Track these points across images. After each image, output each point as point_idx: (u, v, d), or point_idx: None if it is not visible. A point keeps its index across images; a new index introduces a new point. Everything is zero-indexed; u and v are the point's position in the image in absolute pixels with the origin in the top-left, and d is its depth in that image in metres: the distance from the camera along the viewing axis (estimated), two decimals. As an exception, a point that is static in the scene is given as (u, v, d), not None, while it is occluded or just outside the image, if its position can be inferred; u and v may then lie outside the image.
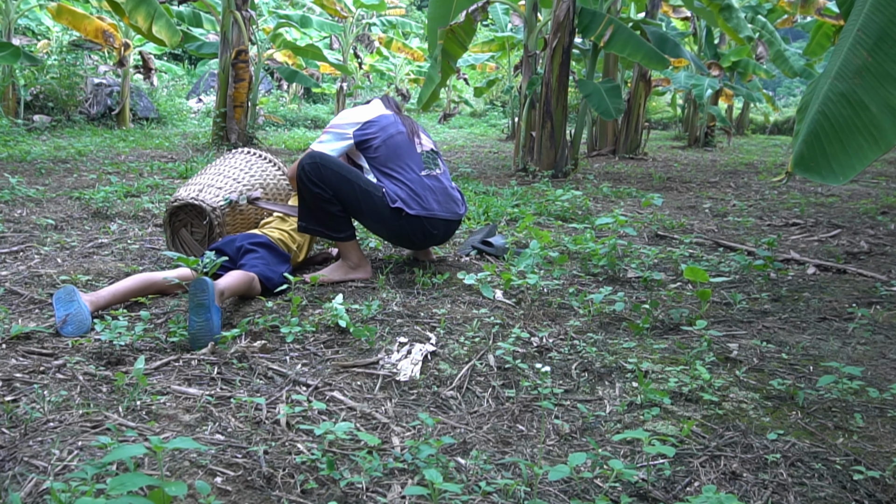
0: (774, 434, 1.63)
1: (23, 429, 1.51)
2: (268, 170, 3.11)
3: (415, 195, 2.68)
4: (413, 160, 2.75)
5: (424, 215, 2.69)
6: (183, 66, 19.08)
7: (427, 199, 2.70)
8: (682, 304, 2.66)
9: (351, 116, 2.82)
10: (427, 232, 2.75)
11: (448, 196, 2.81)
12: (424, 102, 7.45)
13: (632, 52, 6.80)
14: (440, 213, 2.75)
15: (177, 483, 1.07)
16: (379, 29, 15.56)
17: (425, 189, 2.71)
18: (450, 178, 2.91)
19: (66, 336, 2.07)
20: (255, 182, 3.02)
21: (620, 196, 5.67)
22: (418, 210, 2.67)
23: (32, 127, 9.05)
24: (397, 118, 2.86)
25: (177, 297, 2.49)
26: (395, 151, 2.73)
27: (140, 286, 2.39)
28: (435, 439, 1.50)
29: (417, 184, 2.70)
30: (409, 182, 2.69)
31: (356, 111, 2.86)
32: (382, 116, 2.82)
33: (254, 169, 3.07)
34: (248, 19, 8.04)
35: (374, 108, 2.88)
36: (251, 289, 2.44)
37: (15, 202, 4.19)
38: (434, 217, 2.72)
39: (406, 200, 2.66)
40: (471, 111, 20.19)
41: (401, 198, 2.66)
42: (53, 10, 9.02)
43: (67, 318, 2.08)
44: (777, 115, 18.40)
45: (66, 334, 2.07)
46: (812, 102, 2.54)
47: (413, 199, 2.67)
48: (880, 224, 4.52)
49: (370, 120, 2.79)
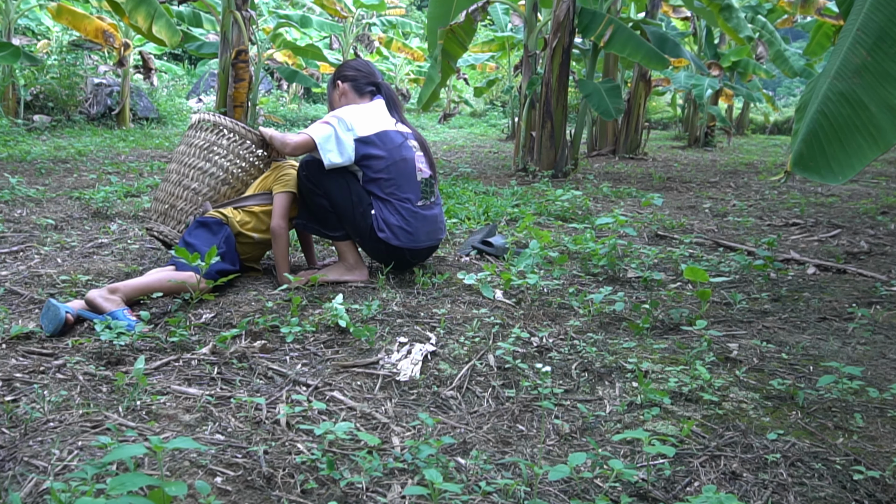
0: (774, 434, 1.63)
1: (23, 429, 1.51)
2: (233, 150, 2.80)
3: (406, 227, 2.64)
4: (412, 189, 2.68)
5: (409, 247, 2.68)
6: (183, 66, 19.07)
7: (418, 231, 2.67)
8: (682, 304, 2.66)
9: (356, 120, 2.64)
10: (406, 261, 2.76)
11: (437, 225, 2.78)
12: (424, 102, 7.45)
13: (632, 52, 6.81)
14: (426, 243, 2.74)
15: (177, 483, 1.07)
16: (379, 29, 15.57)
17: (419, 220, 2.67)
18: (441, 202, 2.87)
19: (49, 333, 2.09)
20: (220, 174, 2.77)
21: (620, 196, 5.67)
22: (404, 242, 2.65)
23: (32, 127, 9.05)
24: (404, 137, 2.74)
25: (178, 296, 2.49)
26: (396, 180, 2.64)
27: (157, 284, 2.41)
28: (435, 439, 1.50)
29: (412, 215, 2.65)
30: (404, 213, 2.64)
31: (363, 115, 2.68)
32: (391, 134, 2.69)
33: (216, 157, 2.79)
34: (248, 19, 8.04)
35: (379, 116, 2.73)
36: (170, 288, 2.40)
37: (15, 202, 4.19)
38: (418, 248, 2.72)
39: (396, 232, 2.63)
40: (471, 111, 20.18)
41: (390, 227, 2.62)
42: (53, 10, 9.02)
43: (45, 320, 2.12)
44: (777, 115, 18.40)
45: (49, 332, 2.09)
46: (811, 102, 2.54)
47: (403, 231, 2.64)
48: (880, 224, 4.52)
49: (376, 135, 2.65)
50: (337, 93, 2.86)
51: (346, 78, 2.85)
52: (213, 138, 2.81)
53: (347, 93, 2.84)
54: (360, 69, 2.88)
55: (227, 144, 2.81)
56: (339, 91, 2.85)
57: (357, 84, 2.83)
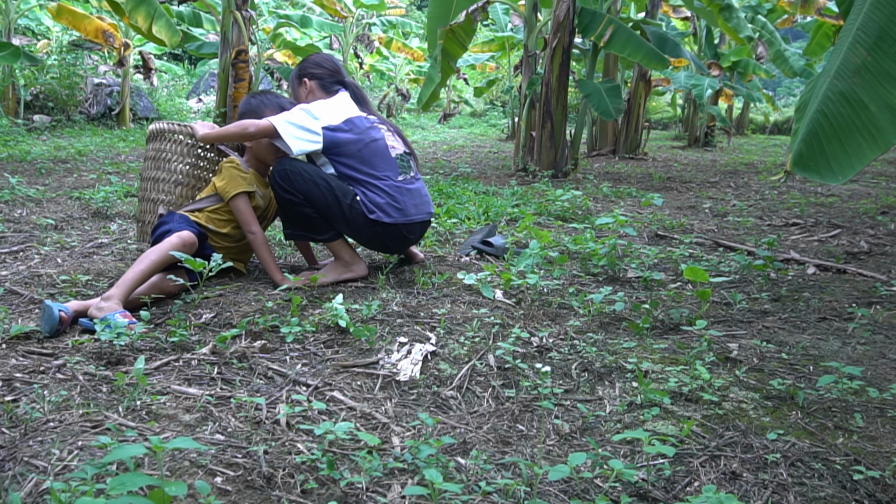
0: (774, 434, 1.63)
1: (23, 429, 1.51)
2: (179, 150, 2.74)
3: (394, 202, 2.63)
4: (389, 167, 2.67)
5: (402, 222, 2.67)
6: (183, 66, 19.07)
7: (406, 204, 2.67)
8: (682, 304, 2.66)
9: (322, 112, 2.63)
10: (403, 237, 2.74)
11: (423, 198, 2.78)
12: (424, 102, 7.45)
13: (632, 52, 6.81)
14: (417, 216, 2.72)
15: (177, 483, 1.07)
16: (379, 29, 15.57)
17: (404, 194, 2.67)
18: (421, 177, 2.86)
19: (47, 333, 2.09)
20: (172, 177, 2.73)
21: (620, 196, 5.67)
22: (397, 217, 2.64)
23: (32, 127, 9.05)
24: (372, 121, 2.73)
25: (179, 296, 2.49)
26: (369, 160, 2.63)
27: (148, 287, 2.40)
28: (435, 439, 1.50)
29: (395, 190, 2.65)
30: (388, 189, 2.64)
31: (329, 106, 2.67)
32: (356, 120, 2.67)
33: (165, 163, 2.74)
34: (248, 19, 8.04)
35: (344, 106, 2.72)
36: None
37: (15, 202, 4.19)
38: (411, 222, 2.71)
39: (385, 209, 2.62)
40: (471, 111, 20.18)
41: (379, 206, 2.62)
42: (53, 10, 9.02)
43: (42, 321, 2.12)
44: (777, 115, 18.41)
45: (47, 333, 2.09)
46: (811, 101, 2.54)
47: (392, 206, 2.63)
48: (880, 224, 4.52)
49: (344, 122, 2.64)
50: (304, 90, 2.81)
51: (312, 76, 2.81)
52: (160, 145, 2.79)
53: (314, 91, 2.79)
54: (326, 66, 2.82)
55: (172, 147, 2.77)
56: (306, 89, 2.81)
57: (324, 83, 2.80)
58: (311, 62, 2.85)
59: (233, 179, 2.62)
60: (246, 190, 2.62)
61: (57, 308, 2.10)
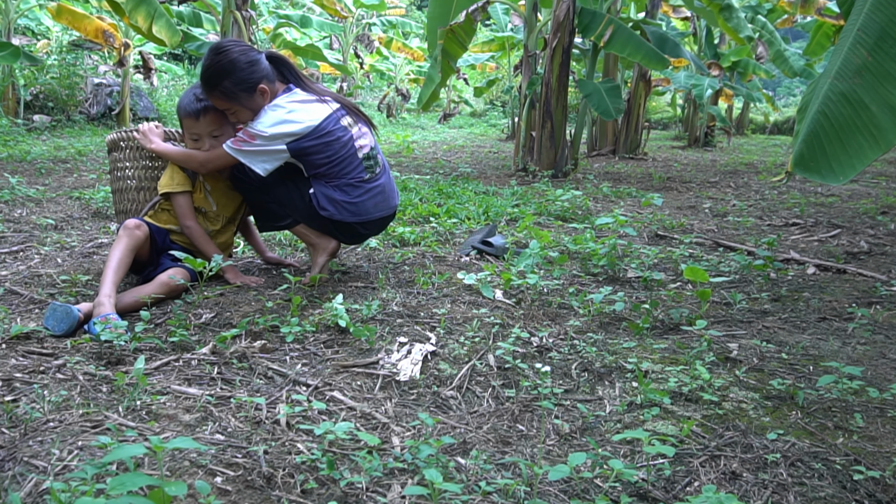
0: (774, 434, 1.63)
1: (23, 429, 1.51)
2: (132, 156, 2.74)
3: (349, 200, 2.57)
4: (355, 167, 2.58)
5: (356, 221, 2.63)
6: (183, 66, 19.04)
7: (364, 205, 2.61)
8: (682, 304, 2.66)
9: (284, 129, 2.46)
10: (357, 233, 2.70)
11: (385, 195, 2.70)
12: (424, 102, 7.45)
13: (632, 52, 6.81)
14: (375, 214, 2.67)
15: (177, 483, 1.07)
16: (379, 29, 15.58)
17: (364, 195, 2.61)
18: (389, 170, 2.77)
19: (62, 332, 2.09)
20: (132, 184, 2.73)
21: (620, 196, 5.67)
22: (348, 217, 2.60)
23: (32, 127, 9.05)
24: (336, 119, 2.55)
25: (179, 297, 2.49)
26: (336, 165, 2.55)
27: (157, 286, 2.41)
28: (435, 439, 1.50)
29: (356, 190, 2.58)
30: (346, 188, 2.57)
31: (288, 119, 2.47)
32: (321, 125, 2.49)
33: (123, 172, 2.75)
34: (248, 19, 8.04)
35: (304, 110, 2.50)
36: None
37: (15, 202, 4.19)
38: (367, 220, 2.66)
39: (338, 207, 2.56)
40: (471, 111, 20.17)
41: (332, 202, 2.55)
42: (53, 10, 9.02)
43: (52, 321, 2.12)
44: (777, 115, 18.42)
45: (61, 332, 2.09)
46: (812, 102, 2.54)
47: (347, 204, 2.57)
48: (880, 224, 4.52)
49: (308, 133, 2.48)
50: (262, 99, 2.51)
51: (260, 78, 2.49)
52: (116, 155, 2.79)
53: (266, 91, 2.51)
54: (249, 57, 2.48)
55: (126, 154, 2.75)
56: (263, 97, 2.51)
57: (268, 75, 2.53)
58: (237, 66, 2.44)
59: (172, 178, 2.62)
60: (177, 190, 2.60)
61: (76, 308, 2.13)
